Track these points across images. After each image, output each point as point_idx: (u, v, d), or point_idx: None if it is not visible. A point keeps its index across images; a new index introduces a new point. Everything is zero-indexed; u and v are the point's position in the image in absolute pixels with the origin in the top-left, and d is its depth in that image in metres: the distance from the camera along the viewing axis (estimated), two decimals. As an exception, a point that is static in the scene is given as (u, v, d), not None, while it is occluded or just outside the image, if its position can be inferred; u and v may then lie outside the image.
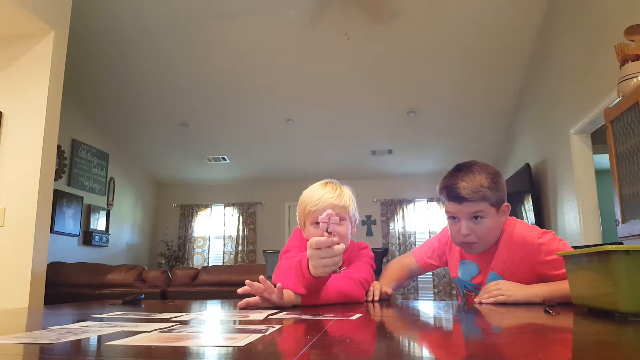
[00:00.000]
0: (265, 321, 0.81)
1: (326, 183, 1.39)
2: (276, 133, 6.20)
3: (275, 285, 1.07)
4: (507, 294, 1.18)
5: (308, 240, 1.08)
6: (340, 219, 1.33)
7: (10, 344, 0.59)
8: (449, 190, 1.30)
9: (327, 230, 1.07)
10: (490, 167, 1.33)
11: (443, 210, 1.39)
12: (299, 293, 1.09)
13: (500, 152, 6.17)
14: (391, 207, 7.29)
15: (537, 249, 1.26)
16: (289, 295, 1.09)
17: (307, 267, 1.08)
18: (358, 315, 0.91)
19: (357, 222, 1.44)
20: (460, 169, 1.32)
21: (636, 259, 0.78)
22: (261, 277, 1.04)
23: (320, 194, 1.34)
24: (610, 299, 0.81)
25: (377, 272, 1.59)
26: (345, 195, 1.37)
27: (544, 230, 1.30)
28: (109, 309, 1.10)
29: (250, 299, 1.08)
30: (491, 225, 1.30)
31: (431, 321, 0.92)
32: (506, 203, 1.34)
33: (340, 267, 1.37)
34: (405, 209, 7.26)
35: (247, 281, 1.03)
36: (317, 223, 1.13)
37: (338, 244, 1.05)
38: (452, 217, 1.34)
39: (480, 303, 1.21)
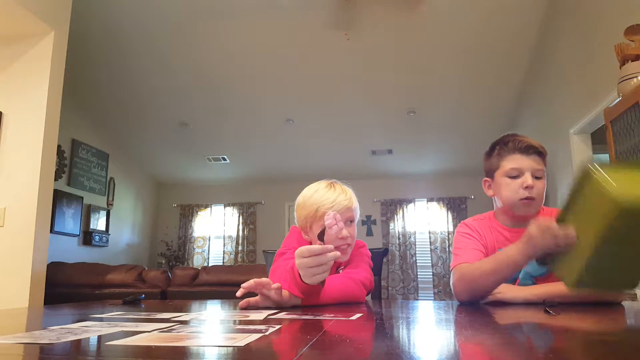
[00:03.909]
0: (265, 321, 0.81)
1: (331, 184, 1.35)
2: (276, 133, 6.20)
3: None
4: (504, 292, 1.18)
5: (311, 242, 1.07)
6: (350, 221, 1.32)
7: (10, 344, 0.59)
8: (516, 142, 1.25)
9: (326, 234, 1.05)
10: None
11: (485, 187, 1.32)
12: (297, 296, 1.09)
13: (500, 152, 6.16)
14: (391, 207, 7.29)
15: None
16: (287, 294, 1.08)
17: (299, 274, 1.05)
18: (358, 315, 0.91)
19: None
20: (516, 134, 1.30)
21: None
22: (255, 279, 1.03)
23: (334, 196, 1.29)
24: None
25: (376, 271, 1.59)
26: (354, 197, 1.35)
27: None
28: (109, 309, 1.10)
29: (251, 299, 1.08)
30: (544, 190, 1.26)
31: (431, 321, 0.92)
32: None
33: (339, 267, 1.36)
34: (405, 209, 7.26)
35: (242, 285, 1.03)
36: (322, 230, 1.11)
37: (331, 251, 1.02)
38: (511, 176, 1.26)
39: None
